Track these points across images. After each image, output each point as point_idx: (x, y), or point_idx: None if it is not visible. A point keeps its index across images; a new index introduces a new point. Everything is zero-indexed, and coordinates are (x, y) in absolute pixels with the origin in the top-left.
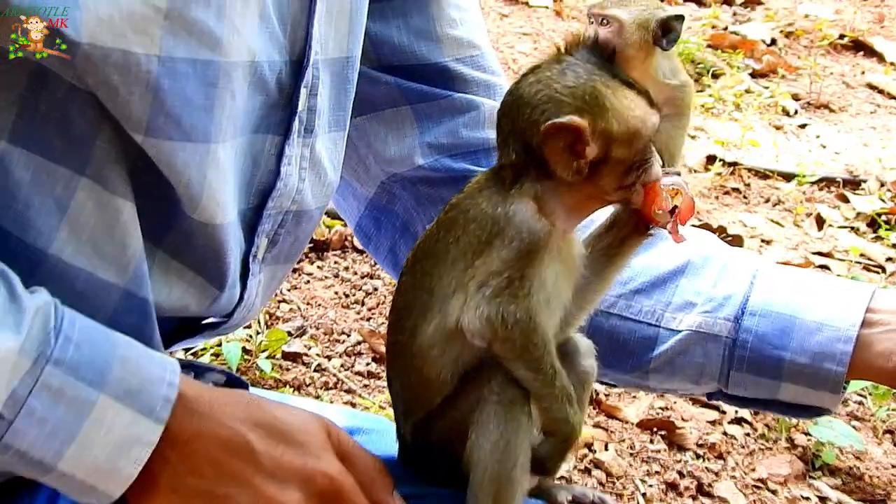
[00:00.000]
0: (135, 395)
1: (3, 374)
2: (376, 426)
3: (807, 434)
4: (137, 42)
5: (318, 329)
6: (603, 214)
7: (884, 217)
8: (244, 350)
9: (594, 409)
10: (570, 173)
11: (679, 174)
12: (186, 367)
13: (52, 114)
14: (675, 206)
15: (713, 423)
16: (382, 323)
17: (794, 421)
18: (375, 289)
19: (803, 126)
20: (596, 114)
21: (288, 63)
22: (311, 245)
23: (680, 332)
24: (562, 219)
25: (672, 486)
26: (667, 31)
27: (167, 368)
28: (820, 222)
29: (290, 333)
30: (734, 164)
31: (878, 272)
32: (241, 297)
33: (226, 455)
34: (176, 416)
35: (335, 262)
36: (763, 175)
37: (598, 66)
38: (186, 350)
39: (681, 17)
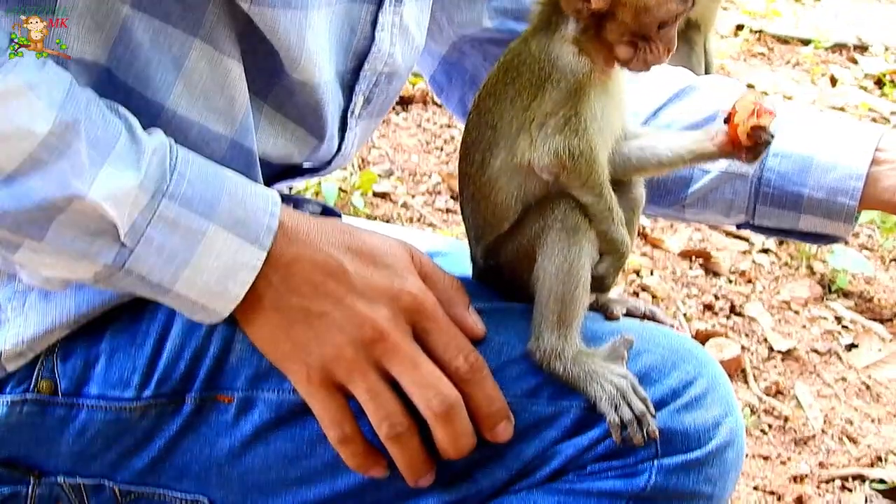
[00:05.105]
0: (241, 225)
1: (125, 207)
2: (452, 249)
3: (824, 262)
4: None
5: (403, 171)
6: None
7: (888, 76)
8: (340, 189)
9: (641, 240)
10: (571, 10)
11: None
12: (286, 199)
13: None
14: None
15: (744, 252)
16: None
17: (813, 250)
18: (452, 137)
19: None
20: None
21: None
22: (398, 100)
23: (712, 171)
24: (599, 59)
25: (708, 307)
26: None
27: (269, 200)
28: (833, 81)
29: (379, 175)
30: (759, 31)
31: (883, 123)
32: (339, 148)
33: (322, 276)
34: (277, 242)
35: (418, 114)
36: (784, 41)
37: None
38: (290, 188)
39: None
